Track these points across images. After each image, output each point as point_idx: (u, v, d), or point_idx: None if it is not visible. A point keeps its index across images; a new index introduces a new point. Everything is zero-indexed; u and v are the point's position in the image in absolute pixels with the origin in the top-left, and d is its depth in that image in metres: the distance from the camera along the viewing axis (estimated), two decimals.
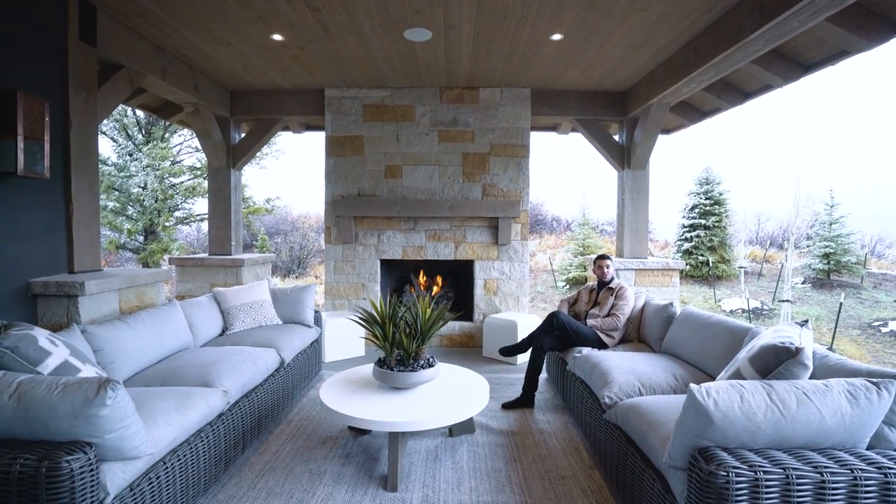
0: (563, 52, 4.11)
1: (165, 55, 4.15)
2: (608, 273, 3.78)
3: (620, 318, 3.52)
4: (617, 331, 3.54)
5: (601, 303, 3.68)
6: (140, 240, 12.50)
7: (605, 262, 3.81)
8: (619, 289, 3.66)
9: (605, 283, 3.80)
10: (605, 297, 3.69)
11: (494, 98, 5.17)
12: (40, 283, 2.83)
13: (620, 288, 3.66)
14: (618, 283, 3.75)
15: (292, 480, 2.47)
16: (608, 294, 3.69)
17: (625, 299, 3.58)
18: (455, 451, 2.81)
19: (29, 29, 2.85)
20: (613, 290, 3.68)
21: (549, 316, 3.65)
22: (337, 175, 5.25)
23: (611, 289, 3.71)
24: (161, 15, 3.44)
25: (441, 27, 3.63)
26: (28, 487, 1.46)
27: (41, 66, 2.94)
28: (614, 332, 3.53)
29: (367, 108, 5.22)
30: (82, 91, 3.21)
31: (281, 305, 3.94)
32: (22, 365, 1.77)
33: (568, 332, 3.50)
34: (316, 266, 13.25)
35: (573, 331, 3.49)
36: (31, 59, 2.87)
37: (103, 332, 2.54)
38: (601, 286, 3.84)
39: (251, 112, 5.42)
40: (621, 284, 3.70)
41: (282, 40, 3.90)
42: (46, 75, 2.98)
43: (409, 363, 2.71)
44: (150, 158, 11.92)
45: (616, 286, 3.70)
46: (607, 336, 3.52)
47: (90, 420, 1.57)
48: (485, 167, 5.21)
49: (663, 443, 1.92)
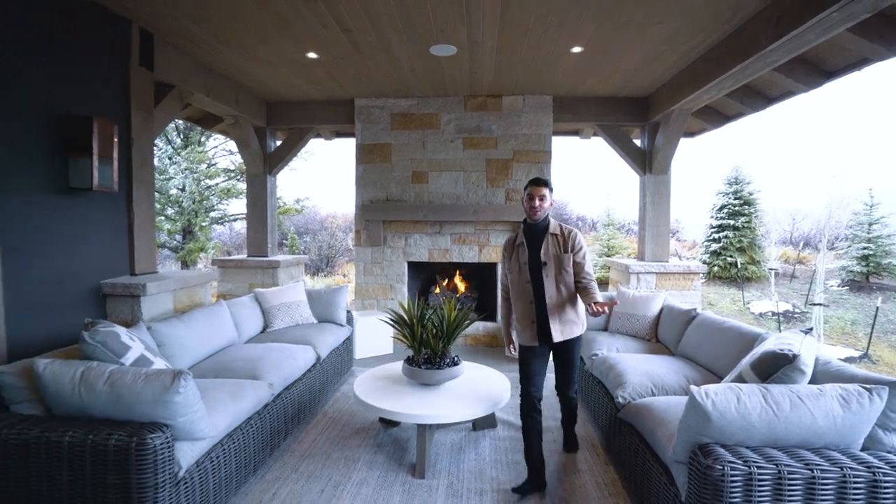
0: (583, 62, 4.25)
1: (210, 74, 4.49)
2: (542, 209, 2.55)
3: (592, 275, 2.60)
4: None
5: (551, 260, 2.56)
6: (179, 239, 13.14)
7: (540, 191, 2.54)
8: (570, 235, 2.60)
9: (538, 227, 2.61)
10: (554, 248, 2.57)
11: (517, 105, 5.34)
12: (109, 284, 3.18)
13: (571, 234, 2.60)
14: (557, 226, 2.62)
15: (330, 465, 2.73)
16: (556, 243, 2.58)
17: (583, 248, 2.60)
18: (478, 444, 3.02)
19: (100, 60, 3.20)
20: (564, 238, 2.59)
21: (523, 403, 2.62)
22: (366, 181, 5.52)
23: (555, 235, 2.59)
24: (208, 39, 3.76)
25: (465, 43, 3.83)
26: (122, 458, 1.77)
27: (110, 92, 3.29)
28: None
29: (394, 117, 5.47)
30: (142, 111, 3.56)
31: (316, 305, 4.23)
32: (110, 357, 2.08)
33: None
34: (343, 265, 13.64)
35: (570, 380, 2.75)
36: (102, 87, 3.22)
37: (164, 329, 2.85)
38: (533, 231, 2.62)
39: (286, 122, 5.74)
40: (570, 228, 2.63)
41: (316, 58, 4.18)
42: (114, 100, 3.33)
43: (436, 361, 2.94)
44: (188, 162, 12.53)
45: (564, 231, 2.60)
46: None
47: (167, 405, 1.85)
48: (508, 173, 5.39)
49: (669, 439, 2.08)
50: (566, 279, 2.59)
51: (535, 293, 2.61)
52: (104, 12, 3.21)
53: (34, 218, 2.74)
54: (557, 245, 2.60)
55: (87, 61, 3.09)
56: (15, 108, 2.64)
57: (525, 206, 2.62)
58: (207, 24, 3.49)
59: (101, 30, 3.19)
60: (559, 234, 2.62)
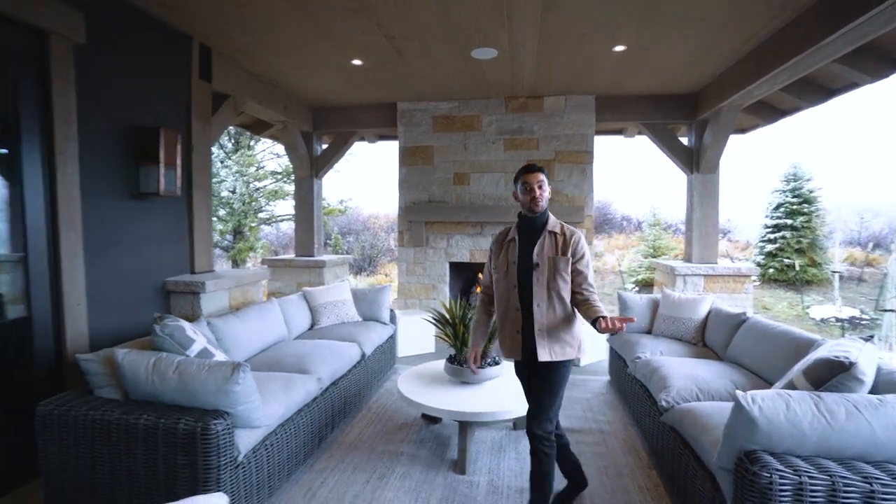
0: (626, 61, 4.18)
1: (261, 83, 4.73)
2: (542, 198, 2.20)
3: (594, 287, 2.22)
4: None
5: (544, 262, 2.17)
6: (230, 239, 13.82)
7: (537, 178, 2.19)
8: (571, 236, 2.21)
9: (536, 222, 2.24)
10: (550, 249, 2.19)
11: (559, 106, 5.30)
12: (172, 282, 3.43)
13: (573, 235, 2.22)
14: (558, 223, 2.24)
15: (374, 458, 2.84)
16: (553, 244, 2.20)
17: (586, 255, 2.22)
18: (518, 443, 3.05)
19: (166, 75, 3.46)
20: (564, 239, 2.20)
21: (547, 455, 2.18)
22: (409, 183, 5.64)
23: (554, 234, 2.22)
24: (260, 51, 3.97)
25: (506, 46, 3.86)
26: (189, 441, 1.93)
27: (173, 104, 3.55)
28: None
29: (436, 119, 5.56)
30: (201, 120, 3.81)
31: (360, 304, 4.38)
32: (177, 349, 2.27)
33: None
34: (385, 264, 13.91)
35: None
36: (167, 99, 3.48)
37: (222, 324, 3.05)
38: (529, 226, 2.25)
39: (331, 126, 5.95)
40: (573, 229, 2.25)
41: (360, 64, 4.32)
42: (176, 111, 3.58)
43: None
44: (238, 165, 13.16)
45: (566, 231, 2.23)
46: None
47: (228, 394, 2.00)
48: (550, 174, 5.33)
49: (714, 445, 2.04)
50: (560, 287, 2.16)
51: (522, 300, 2.19)
52: (169, 31, 3.46)
53: (111, 221, 3.01)
54: (555, 245, 2.20)
55: (154, 76, 3.35)
56: (101, 122, 2.91)
57: (521, 198, 2.23)
58: (259, 37, 3.69)
59: (166, 47, 3.45)
60: (559, 234, 2.21)
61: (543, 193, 2.21)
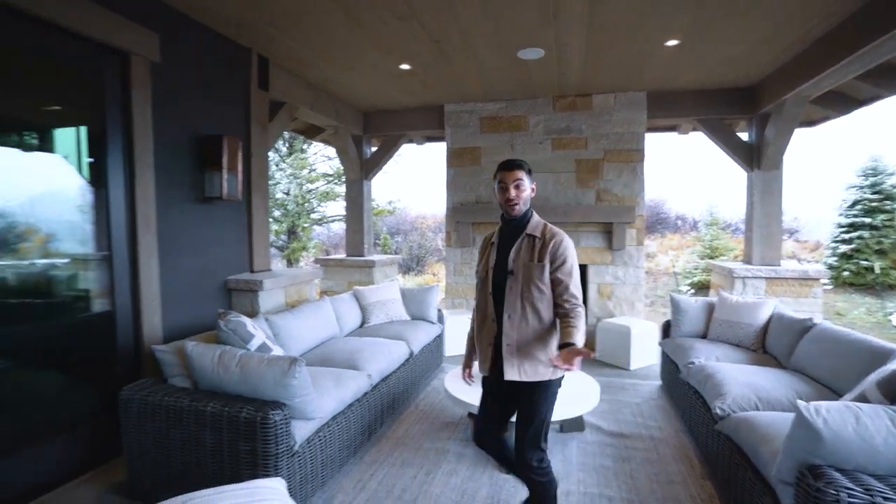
0: (679, 55, 4.03)
1: (314, 89, 4.93)
2: (520, 199, 1.98)
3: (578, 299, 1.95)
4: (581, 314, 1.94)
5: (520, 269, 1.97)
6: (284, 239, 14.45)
7: (514, 176, 1.97)
8: (551, 239, 1.97)
9: (516, 224, 2.04)
10: (526, 254, 1.98)
11: (608, 104, 5.18)
12: (233, 280, 3.66)
13: (555, 238, 1.98)
14: (541, 225, 2.02)
15: (421, 455, 2.91)
16: (530, 248, 1.99)
17: (567, 261, 1.96)
18: (564, 446, 3.03)
19: (228, 85, 3.69)
20: (543, 243, 1.98)
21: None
22: (456, 184, 5.70)
23: (532, 237, 2.00)
24: (313, 59, 4.15)
25: (553, 45, 3.82)
26: (250, 429, 2.08)
27: (234, 112, 3.78)
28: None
29: (483, 120, 5.58)
30: (259, 127, 4.03)
31: (409, 303, 4.48)
32: (239, 343, 2.43)
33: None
34: (433, 264, 14.07)
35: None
36: (229, 109, 3.71)
37: (278, 321, 3.22)
38: (509, 228, 2.06)
39: (380, 129, 6.11)
40: (556, 231, 2.01)
41: (408, 69, 4.41)
42: (237, 119, 3.81)
43: None
44: (292, 168, 13.74)
45: (547, 233, 2.00)
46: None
47: (285, 387, 2.13)
48: (598, 173, 5.26)
49: (774, 456, 1.95)
50: (535, 298, 1.93)
51: (497, 310, 2.00)
52: (231, 45, 3.69)
53: (180, 223, 3.26)
54: (531, 250, 1.96)
55: (218, 87, 3.58)
56: (171, 132, 3.16)
57: (498, 198, 2.02)
58: (313, 47, 3.86)
59: (228, 60, 3.68)
60: (538, 237, 1.97)
61: (521, 194, 1.97)
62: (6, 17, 2.29)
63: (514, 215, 2.01)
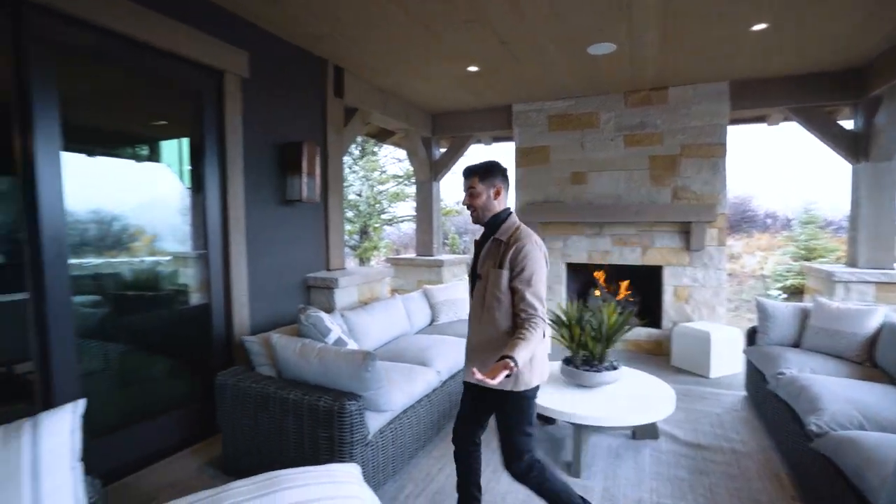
0: (768, 40, 3.73)
1: (385, 94, 5.12)
2: (477, 206, 1.97)
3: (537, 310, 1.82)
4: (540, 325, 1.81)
5: (486, 275, 1.93)
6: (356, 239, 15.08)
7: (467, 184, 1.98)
8: (513, 245, 1.87)
9: (489, 228, 1.99)
10: (491, 259, 1.93)
11: (685, 96, 4.90)
12: (311, 277, 3.90)
13: (517, 244, 1.87)
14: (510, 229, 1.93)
15: (489, 453, 2.92)
16: (494, 253, 1.93)
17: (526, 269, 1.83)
18: (637, 453, 2.92)
19: (306, 94, 3.95)
20: (505, 248, 1.90)
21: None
22: (525, 183, 5.66)
23: (498, 242, 1.93)
24: (383, 66, 4.31)
25: (625, 38, 3.69)
26: (329, 417, 2.23)
27: (312, 119, 4.03)
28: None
29: (551, 119, 5.49)
30: (335, 133, 4.26)
31: None
32: (318, 336, 2.61)
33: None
34: None
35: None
36: (307, 116, 3.96)
37: (353, 317, 3.40)
38: (486, 232, 2.02)
39: (449, 131, 6.21)
40: (519, 237, 1.89)
41: (476, 70, 4.46)
42: (315, 125, 4.06)
43: (594, 364, 2.94)
44: (364, 170, 14.30)
45: (511, 238, 1.90)
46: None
47: (360, 380, 2.25)
48: (674, 170, 4.99)
49: (883, 483, 1.77)
50: (493, 305, 1.88)
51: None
52: (310, 56, 3.94)
53: (265, 224, 3.53)
54: (496, 255, 1.90)
55: (297, 96, 3.84)
56: (258, 140, 3.44)
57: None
58: (385, 55, 4.02)
59: (307, 71, 3.93)
60: (504, 241, 1.90)
61: (475, 201, 1.95)
62: (124, 46, 2.62)
63: (476, 223, 2.01)
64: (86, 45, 2.45)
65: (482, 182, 1.95)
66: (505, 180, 1.98)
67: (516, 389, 1.87)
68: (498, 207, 1.97)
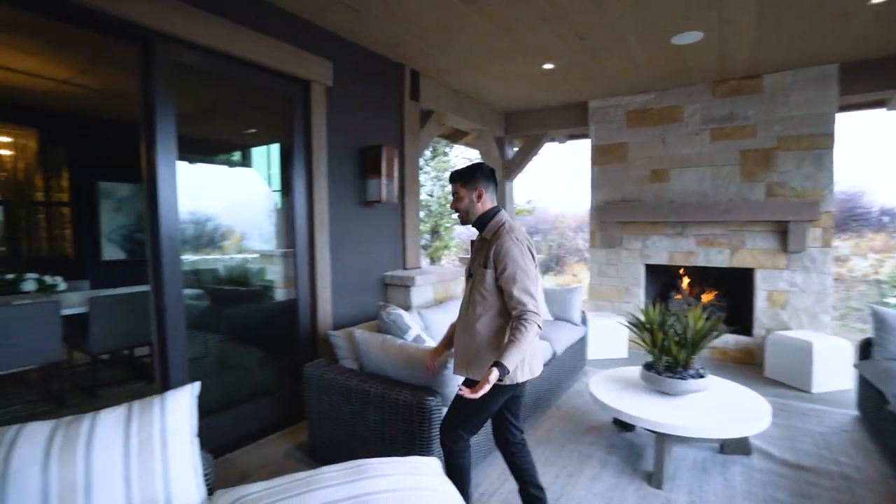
0: (891, 13, 3.32)
1: (459, 96, 5.18)
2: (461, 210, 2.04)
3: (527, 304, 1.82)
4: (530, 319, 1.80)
5: (475, 274, 1.98)
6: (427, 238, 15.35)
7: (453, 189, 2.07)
8: (494, 244, 1.91)
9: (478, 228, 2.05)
10: (478, 258, 1.98)
11: (784, 83, 4.48)
12: (389, 276, 4.05)
13: (498, 241, 1.90)
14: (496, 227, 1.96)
15: (564, 455, 2.89)
16: (481, 252, 1.98)
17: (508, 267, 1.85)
18: (726, 469, 2.74)
19: (384, 99, 4.10)
20: (488, 246, 1.94)
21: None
22: (601, 182, 5.48)
23: (484, 241, 1.99)
24: (458, 68, 4.37)
25: (714, 25, 3.46)
26: (408, 412, 2.31)
27: (390, 123, 4.18)
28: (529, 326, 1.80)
29: (630, 115, 5.27)
30: (411, 136, 4.38)
31: (551, 303, 4.46)
32: (398, 333, 2.71)
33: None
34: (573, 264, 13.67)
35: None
36: (385, 120, 4.12)
37: (429, 315, 3.48)
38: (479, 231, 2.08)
39: (522, 130, 6.16)
40: (499, 234, 1.92)
41: (551, 68, 4.38)
42: (392, 129, 4.20)
43: (678, 371, 2.79)
44: (436, 171, 14.54)
45: (493, 238, 1.94)
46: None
47: (438, 376, 2.31)
48: (770, 164, 4.59)
49: None
50: (477, 303, 1.93)
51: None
52: (387, 62, 4.09)
53: (346, 225, 3.72)
54: (482, 254, 1.95)
55: (375, 101, 4.00)
56: (340, 144, 3.63)
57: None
58: (460, 57, 4.07)
59: (384, 76, 4.08)
60: (488, 240, 1.96)
61: (459, 205, 2.03)
62: (222, 62, 2.88)
63: (463, 224, 2.08)
64: (194, 65, 2.73)
65: (464, 187, 2.03)
66: (488, 181, 2.03)
67: (504, 383, 1.92)
68: (482, 208, 2.02)
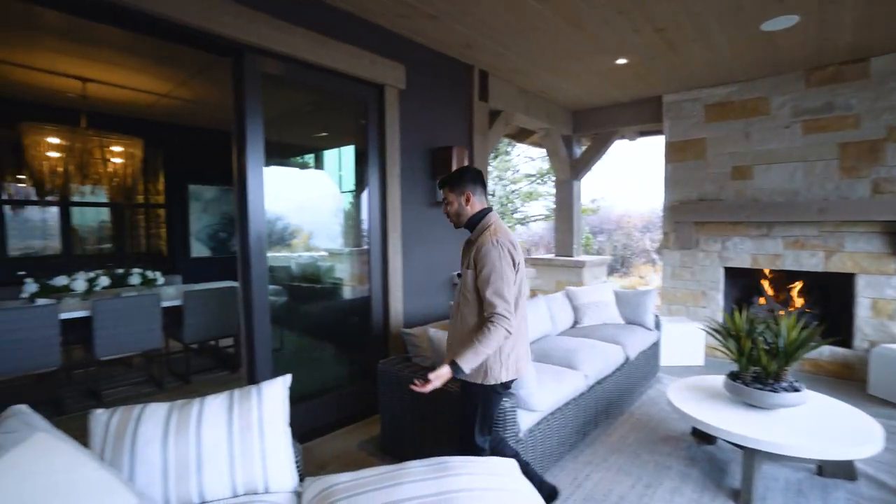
0: None
1: (527, 95, 5.12)
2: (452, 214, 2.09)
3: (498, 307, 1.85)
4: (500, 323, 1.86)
5: (464, 276, 2.04)
6: None
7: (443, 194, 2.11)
8: (475, 245, 1.96)
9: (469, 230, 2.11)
10: (466, 261, 2.04)
11: (894, 66, 4.03)
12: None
13: (480, 243, 1.95)
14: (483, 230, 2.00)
15: (639, 465, 2.78)
16: (468, 253, 2.03)
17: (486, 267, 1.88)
18: (827, 494, 2.51)
19: (454, 100, 4.14)
20: (473, 248, 1.98)
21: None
22: (675, 180, 5.21)
23: (470, 243, 2.05)
24: (527, 67, 4.32)
25: (814, 5, 3.18)
26: None
27: (459, 124, 4.21)
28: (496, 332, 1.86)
29: (708, 109, 4.97)
30: (480, 136, 4.39)
31: (623, 306, 4.31)
32: None
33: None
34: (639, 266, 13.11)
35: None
36: (454, 121, 4.16)
37: None
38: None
39: (590, 128, 5.99)
40: (482, 235, 1.96)
41: (625, 63, 4.22)
42: (461, 129, 4.24)
43: (768, 382, 2.60)
44: (498, 170, 14.47)
45: (477, 240, 1.98)
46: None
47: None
48: (876, 158, 4.14)
49: None
50: (462, 303, 2.00)
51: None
52: (457, 64, 4.12)
53: (417, 225, 3.80)
54: (467, 256, 2.03)
55: (445, 103, 4.05)
56: (412, 146, 3.72)
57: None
58: (530, 56, 4.03)
59: (454, 77, 4.12)
60: (474, 242, 2.01)
61: (448, 209, 2.09)
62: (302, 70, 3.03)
63: (456, 227, 2.14)
64: (278, 74, 2.90)
65: (452, 191, 2.07)
66: (475, 184, 2.06)
67: (486, 383, 1.98)
68: (471, 211, 2.06)
